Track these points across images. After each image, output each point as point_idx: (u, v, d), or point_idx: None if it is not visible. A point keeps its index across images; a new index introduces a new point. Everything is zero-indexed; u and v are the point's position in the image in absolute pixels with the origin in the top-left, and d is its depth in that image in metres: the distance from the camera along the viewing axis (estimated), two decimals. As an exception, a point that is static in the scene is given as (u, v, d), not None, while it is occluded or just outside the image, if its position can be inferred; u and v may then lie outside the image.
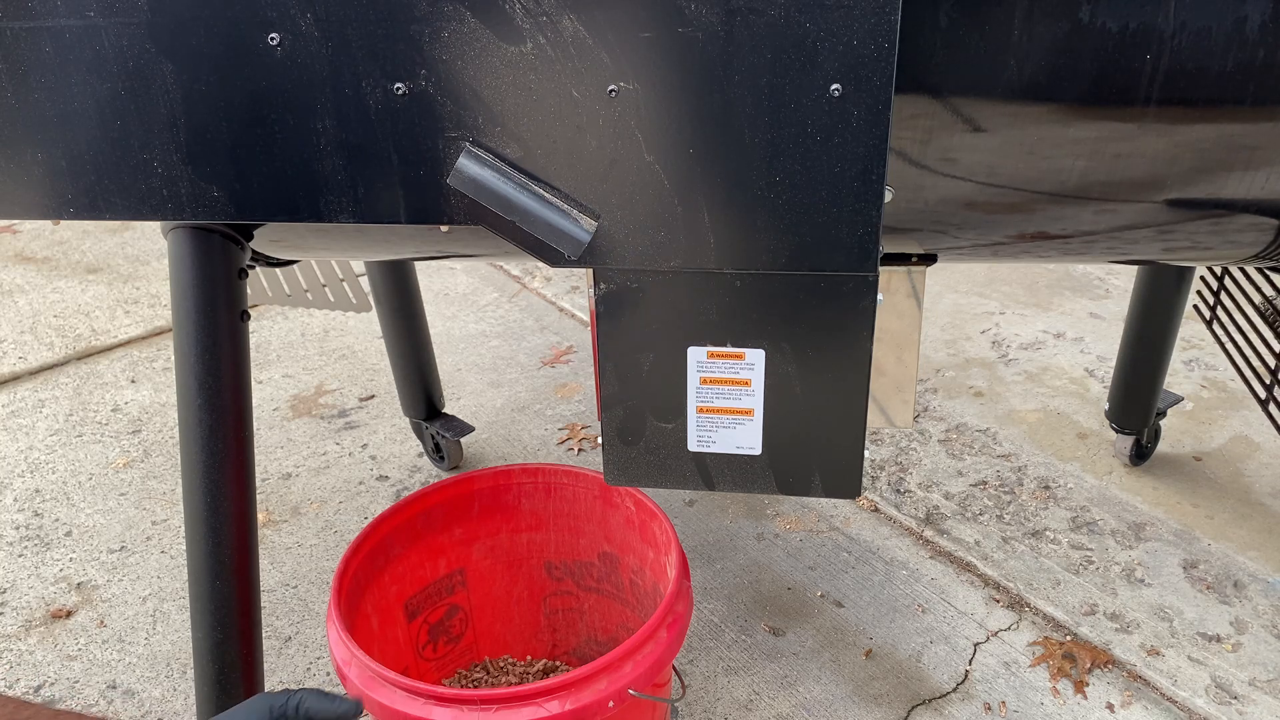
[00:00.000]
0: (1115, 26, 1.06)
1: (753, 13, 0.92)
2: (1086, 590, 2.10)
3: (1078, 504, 2.34)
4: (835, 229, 1.01)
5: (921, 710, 1.86)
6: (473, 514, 1.78)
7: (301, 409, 2.82)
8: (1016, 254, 1.40)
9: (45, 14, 0.97)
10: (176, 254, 1.33)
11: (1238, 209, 1.21)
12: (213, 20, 0.96)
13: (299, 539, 2.33)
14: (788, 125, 0.97)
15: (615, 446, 1.21)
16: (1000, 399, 2.75)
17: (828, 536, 2.29)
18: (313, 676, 1.97)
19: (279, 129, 1.00)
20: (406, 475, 2.54)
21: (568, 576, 1.87)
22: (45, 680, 1.98)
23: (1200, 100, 1.11)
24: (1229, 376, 2.78)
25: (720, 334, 1.13)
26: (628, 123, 0.98)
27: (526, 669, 1.92)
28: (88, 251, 3.81)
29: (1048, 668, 1.93)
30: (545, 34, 0.94)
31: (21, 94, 1.01)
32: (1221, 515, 2.29)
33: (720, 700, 1.89)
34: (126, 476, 2.56)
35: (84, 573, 2.25)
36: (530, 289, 3.46)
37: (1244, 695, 1.86)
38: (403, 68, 0.97)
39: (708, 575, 2.18)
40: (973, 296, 3.28)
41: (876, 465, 2.50)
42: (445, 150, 1.00)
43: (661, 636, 1.42)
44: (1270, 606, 2.04)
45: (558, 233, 1.01)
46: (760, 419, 1.17)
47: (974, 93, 1.12)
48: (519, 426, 2.73)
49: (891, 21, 0.92)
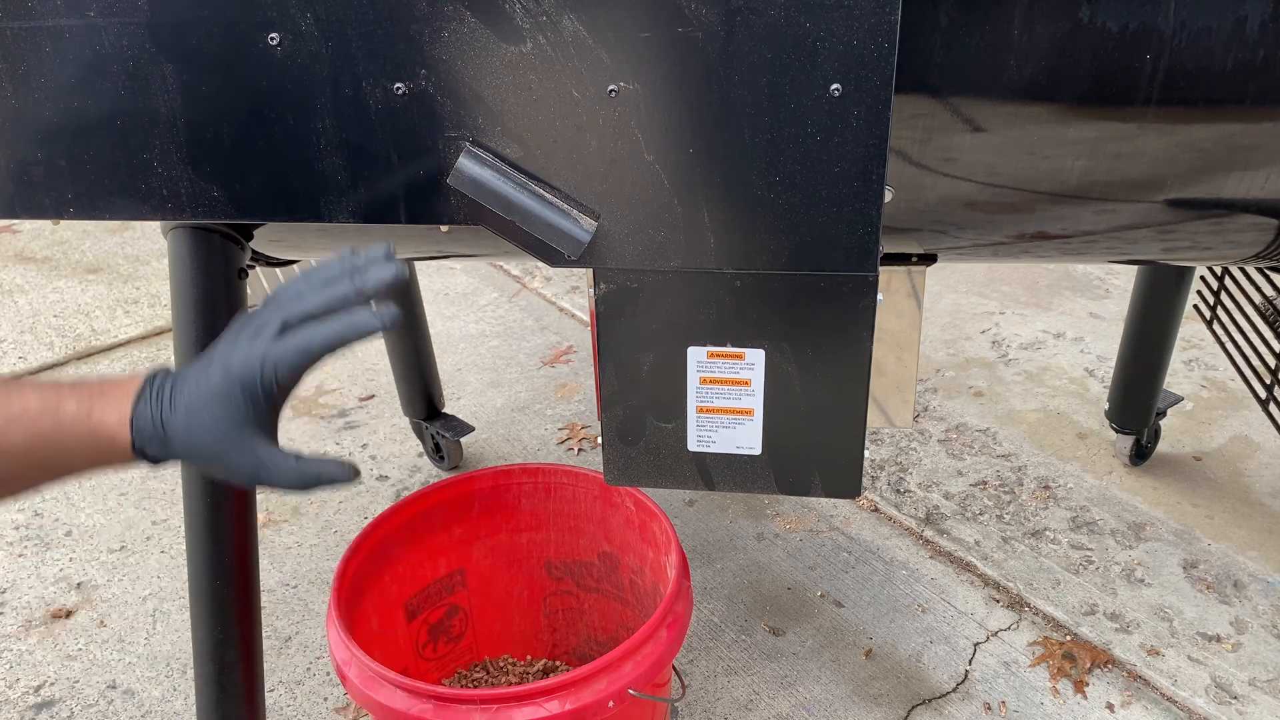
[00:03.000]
0: (1115, 26, 1.06)
1: (753, 13, 0.92)
2: (1086, 590, 2.10)
3: (1078, 504, 2.34)
4: (835, 229, 1.01)
5: (921, 710, 1.86)
6: (473, 514, 1.78)
7: (301, 409, 2.82)
8: (1016, 254, 1.40)
9: (45, 14, 0.97)
10: (176, 254, 1.33)
11: (1238, 209, 1.21)
12: (213, 20, 0.96)
13: (299, 539, 2.33)
14: (788, 125, 0.97)
15: (615, 446, 1.21)
16: (1000, 399, 2.75)
17: (828, 536, 2.29)
18: (313, 676, 1.97)
19: (279, 129, 1.00)
20: (406, 475, 2.54)
21: (568, 576, 1.87)
22: (45, 680, 1.98)
23: (1200, 100, 1.11)
24: (1229, 376, 2.78)
25: (720, 334, 1.13)
26: (628, 123, 0.98)
27: (526, 669, 1.92)
28: (88, 251, 3.81)
29: (1048, 667, 1.93)
30: (545, 34, 0.94)
31: (21, 94, 1.01)
32: (1221, 515, 2.29)
33: (720, 700, 1.89)
34: (126, 476, 2.56)
35: (84, 572, 2.25)
36: (530, 289, 3.46)
37: (1244, 695, 1.86)
38: (403, 68, 0.97)
39: (708, 575, 2.18)
40: (973, 296, 3.28)
41: (876, 465, 2.50)
42: (445, 150, 1.00)
43: (661, 636, 1.42)
44: (1270, 606, 2.04)
45: (558, 233, 1.01)
46: (760, 419, 1.17)
47: (974, 93, 1.12)
48: (519, 426, 2.73)
49: (891, 21, 0.92)
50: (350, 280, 0.88)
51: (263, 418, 0.87)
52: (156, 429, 0.87)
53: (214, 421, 0.86)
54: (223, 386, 0.86)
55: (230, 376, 0.86)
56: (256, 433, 0.87)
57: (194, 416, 0.86)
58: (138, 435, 0.87)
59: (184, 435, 0.86)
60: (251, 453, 0.87)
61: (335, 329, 0.86)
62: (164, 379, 0.89)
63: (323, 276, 0.90)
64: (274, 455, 0.87)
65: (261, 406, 0.87)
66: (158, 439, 0.87)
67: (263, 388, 0.86)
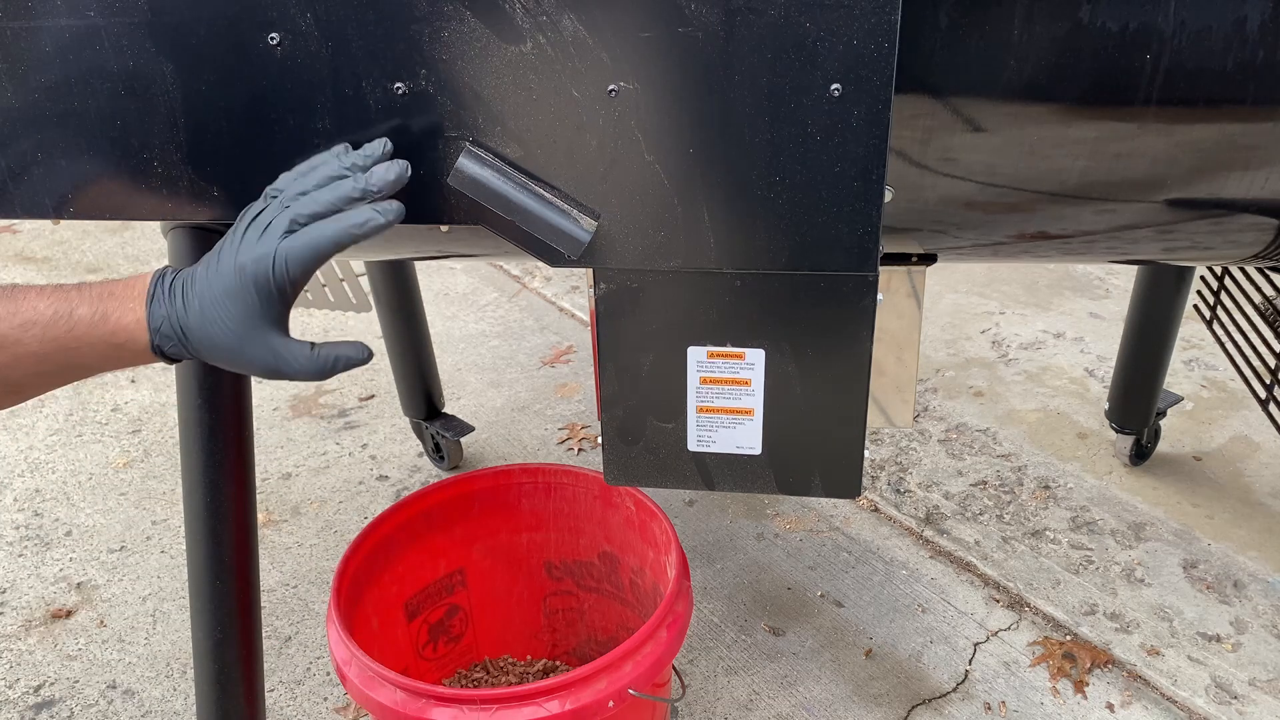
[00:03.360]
0: (1115, 26, 1.06)
1: (753, 12, 0.92)
2: (1086, 590, 2.10)
3: (1078, 504, 2.34)
4: (835, 229, 1.01)
5: (921, 710, 1.86)
6: (473, 514, 1.78)
7: (301, 409, 2.82)
8: (1016, 254, 1.40)
9: (45, 14, 0.97)
10: (176, 254, 1.33)
11: (1238, 209, 1.21)
12: (213, 20, 0.96)
13: (299, 539, 2.33)
14: (788, 125, 0.97)
15: (615, 446, 1.21)
16: (1000, 399, 2.75)
17: (828, 536, 2.29)
18: (313, 676, 1.97)
19: (279, 129, 1.00)
20: (406, 475, 2.54)
21: (568, 576, 1.87)
22: (45, 680, 1.98)
23: (1200, 100, 1.11)
24: (1229, 376, 2.78)
25: (720, 334, 1.13)
26: (628, 123, 0.98)
27: (526, 669, 1.92)
28: (88, 251, 3.81)
29: (1048, 667, 1.93)
30: (545, 34, 0.94)
31: (21, 94, 1.01)
32: (1221, 515, 2.29)
33: (720, 700, 1.89)
34: (126, 476, 2.56)
35: (84, 573, 2.25)
36: (530, 289, 3.46)
37: (1244, 695, 1.86)
38: (403, 68, 0.97)
39: (708, 575, 2.18)
40: (973, 296, 3.28)
41: (876, 465, 2.50)
42: (445, 150, 1.00)
43: (661, 636, 1.42)
44: (1270, 606, 2.04)
45: (558, 233, 1.01)
46: (760, 419, 1.17)
47: (974, 93, 1.12)
48: (519, 426, 2.73)
49: (891, 21, 0.92)
50: (355, 180, 0.92)
51: (277, 313, 0.91)
52: (175, 329, 0.91)
53: (229, 319, 0.89)
54: (236, 284, 0.89)
55: (244, 275, 0.89)
56: (272, 327, 0.91)
57: (209, 314, 0.90)
58: (155, 335, 0.91)
59: (200, 333, 0.90)
60: (268, 346, 0.90)
61: (343, 226, 0.90)
62: (173, 277, 0.92)
63: (326, 174, 0.93)
64: (290, 346, 0.91)
65: (275, 302, 0.90)
66: (175, 337, 0.91)
67: (275, 285, 0.89)
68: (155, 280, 0.92)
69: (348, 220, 0.90)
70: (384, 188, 0.92)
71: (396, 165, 0.93)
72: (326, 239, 0.89)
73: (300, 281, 0.91)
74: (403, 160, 0.94)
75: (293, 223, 0.90)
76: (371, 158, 0.94)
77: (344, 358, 0.93)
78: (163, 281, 0.92)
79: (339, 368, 0.93)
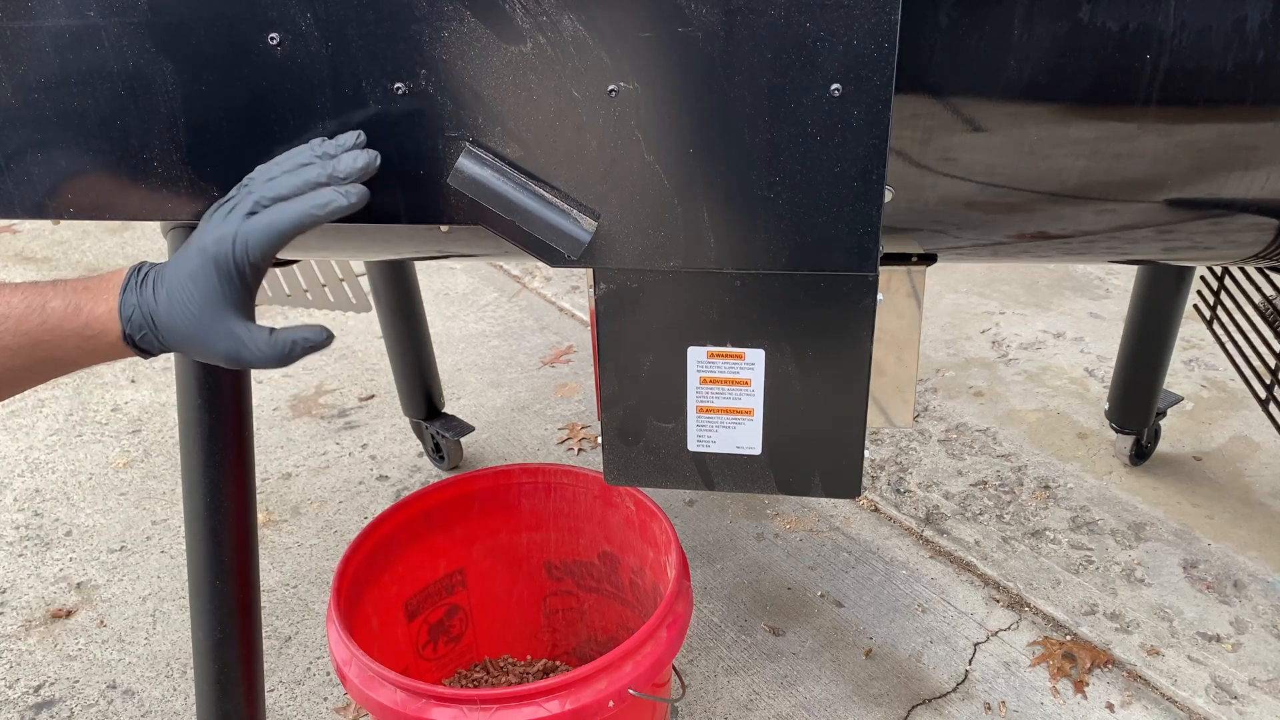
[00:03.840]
0: (1115, 26, 1.06)
1: (753, 13, 0.92)
2: (1086, 590, 2.10)
3: (1078, 504, 2.34)
4: (835, 229, 1.01)
5: (921, 710, 1.86)
6: (473, 514, 1.78)
7: (301, 409, 2.82)
8: (1016, 254, 1.40)
9: (45, 14, 0.97)
10: (176, 254, 1.32)
11: (1238, 209, 1.21)
12: (212, 20, 0.96)
13: (299, 539, 2.33)
14: (788, 125, 0.97)
15: (615, 446, 1.21)
16: (1000, 399, 2.75)
17: (828, 536, 2.29)
18: (313, 676, 1.97)
19: (279, 129, 1.00)
20: (406, 475, 2.54)
21: (568, 576, 1.87)
22: (45, 680, 1.98)
23: (1200, 100, 1.11)
24: (1229, 376, 2.78)
25: (720, 334, 1.13)
26: (628, 123, 0.98)
27: (526, 669, 1.92)
28: (88, 251, 3.81)
29: (1048, 667, 1.93)
30: (545, 34, 0.94)
31: (21, 94, 1.01)
32: (1221, 515, 2.29)
33: (720, 700, 1.89)
34: (126, 476, 2.56)
35: (84, 573, 2.25)
36: (530, 289, 3.46)
37: (1244, 695, 1.86)
38: (403, 67, 0.97)
39: (708, 575, 2.18)
40: (973, 296, 3.28)
41: (876, 465, 2.50)
42: (445, 150, 1.00)
43: (661, 636, 1.42)
44: (1270, 606, 2.04)
45: (558, 233, 1.01)
46: (760, 419, 1.17)
47: (974, 93, 1.12)
48: (519, 426, 2.73)
49: (891, 21, 0.92)
50: (322, 166, 0.92)
51: (238, 297, 0.90)
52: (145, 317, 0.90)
53: (190, 302, 0.89)
54: (197, 265, 0.89)
55: (204, 255, 0.89)
56: (233, 312, 0.90)
57: (174, 298, 0.89)
58: (126, 324, 0.90)
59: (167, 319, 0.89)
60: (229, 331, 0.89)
61: (303, 207, 0.89)
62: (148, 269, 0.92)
63: (296, 161, 0.93)
64: (250, 331, 0.90)
65: (235, 284, 0.89)
66: (146, 326, 0.90)
67: (235, 265, 0.88)
68: (131, 273, 0.92)
69: (310, 201, 0.90)
70: (351, 174, 0.92)
71: (365, 154, 0.93)
72: (285, 219, 0.89)
73: (260, 263, 0.90)
74: (372, 150, 0.94)
75: (256, 204, 0.90)
76: (343, 146, 0.94)
77: (302, 341, 0.92)
78: (138, 273, 0.92)
79: (298, 351, 0.92)
